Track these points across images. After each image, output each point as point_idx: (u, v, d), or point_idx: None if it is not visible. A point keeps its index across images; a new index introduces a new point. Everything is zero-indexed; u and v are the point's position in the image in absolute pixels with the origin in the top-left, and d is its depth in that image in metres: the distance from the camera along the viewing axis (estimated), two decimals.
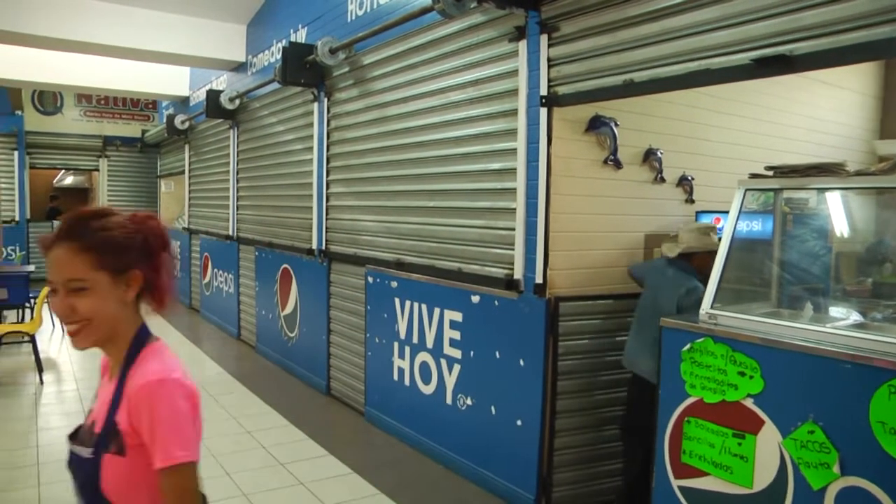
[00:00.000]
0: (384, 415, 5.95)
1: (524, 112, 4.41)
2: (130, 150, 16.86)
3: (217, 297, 10.88)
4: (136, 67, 11.60)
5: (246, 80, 9.40)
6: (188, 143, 12.65)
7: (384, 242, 6.01)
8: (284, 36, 8.01)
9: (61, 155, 16.49)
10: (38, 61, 10.93)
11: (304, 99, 7.40)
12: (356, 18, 6.42)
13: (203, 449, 4.96)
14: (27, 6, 8.14)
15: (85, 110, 16.35)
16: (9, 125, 14.81)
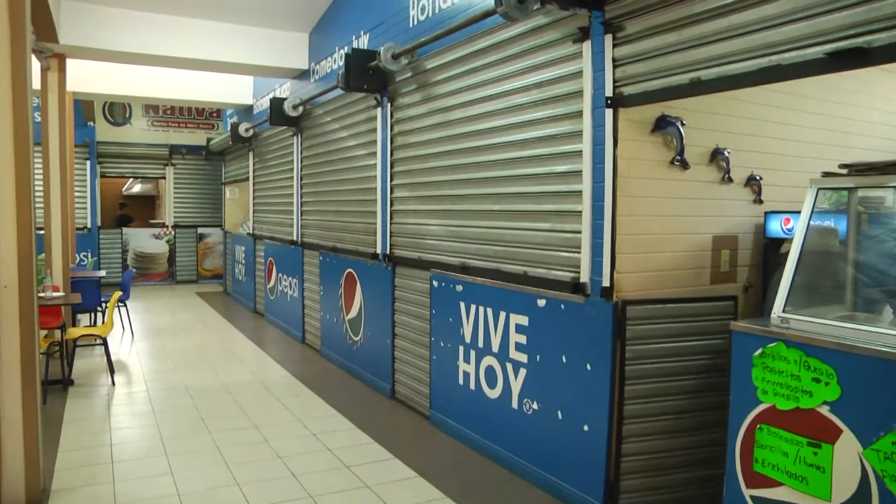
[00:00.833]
0: (449, 418, 5.94)
1: (589, 114, 4.35)
2: (196, 157, 17.40)
3: (281, 302, 11.06)
4: (201, 78, 12.00)
5: (309, 87, 9.54)
6: (252, 151, 12.92)
7: (449, 246, 6.01)
8: (347, 43, 8.10)
9: (130, 164, 17.16)
10: (108, 75, 11.41)
11: (367, 104, 7.46)
12: (418, 23, 6.45)
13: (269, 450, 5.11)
14: (101, 23, 8.55)
15: (152, 120, 16.98)
16: (81, 136, 15.41)
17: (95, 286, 9.81)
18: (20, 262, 4.46)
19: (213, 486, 4.90)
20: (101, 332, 7.99)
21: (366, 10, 7.66)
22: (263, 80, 12.04)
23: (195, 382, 7.72)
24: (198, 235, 17.64)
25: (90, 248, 16.04)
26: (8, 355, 4.46)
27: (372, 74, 6.83)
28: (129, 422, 6.47)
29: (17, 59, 4.40)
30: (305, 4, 8.89)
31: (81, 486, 4.90)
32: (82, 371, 8.20)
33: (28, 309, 4.51)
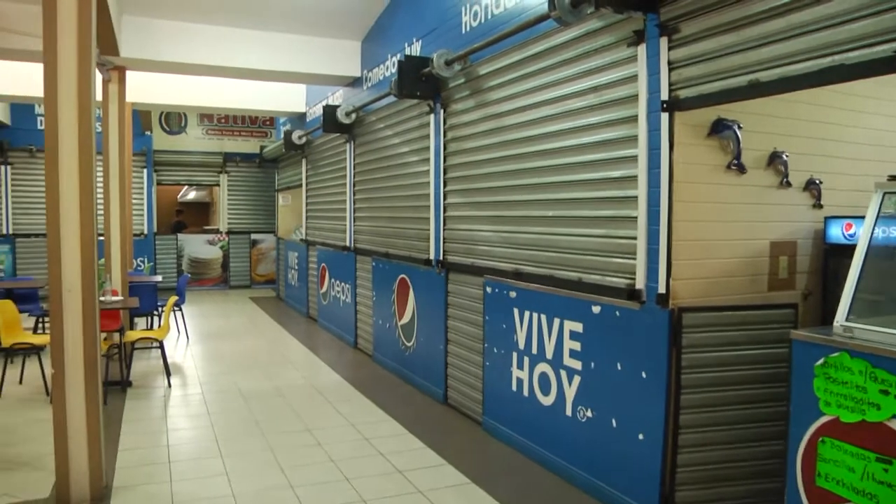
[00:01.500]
0: (502, 425, 5.92)
1: (644, 118, 4.30)
2: (249, 165, 17.70)
3: (334, 307, 11.16)
4: (254, 87, 12.23)
5: (361, 94, 9.63)
6: (305, 158, 13.08)
7: (502, 252, 5.99)
8: (399, 50, 8.16)
9: (185, 171, 17.58)
10: (165, 85, 11.69)
11: (420, 111, 7.50)
12: (471, 30, 6.46)
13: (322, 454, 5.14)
14: (159, 36, 8.81)
15: (207, 129, 17.39)
16: (139, 145, 15.80)
17: (152, 291, 10.04)
18: (83, 267, 4.60)
19: (267, 487, 4.96)
20: (158, 335, 8.16)
21: (418, 17, 7.70)
22: (316, 88, 12.20)
23: (249, 385, 7.83)
24: (251, 241, 17.91)
25: (146, 253, 16.42)
26: (72, 357, 4.61)
27: (425, 81, 6.86)
28: (185, 423, 6.60)
29: (83, 73, 4.56)
30: (357, 13, 8.98)
31: (141, 484, 5.02)
32: (140, 373, 8.39)
33: (90, 312, 4.65)
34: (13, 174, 15.38)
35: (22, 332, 7.92)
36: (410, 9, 7.97)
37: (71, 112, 4.54)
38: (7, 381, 7.49)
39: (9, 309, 7.73)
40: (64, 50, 4.52)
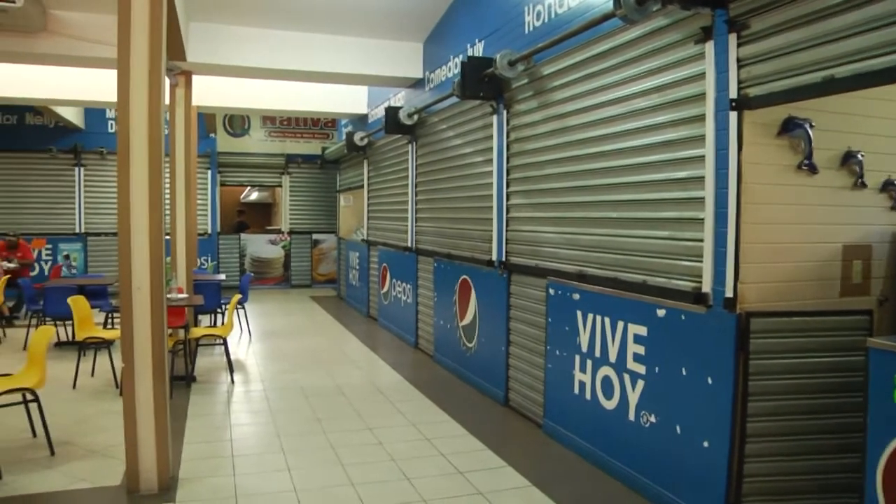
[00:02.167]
0: (563, 428, 5.86)
1: (712, 117, 4.20)
2: (311, 166, 17.99)
3: (395, 307, 11.22)
4: (316, 89, 12.40)
5: (423, 95, 9.66)
6: (366, 159, 13.19)
7: (566, 254, 5.93)
8: (461, 51, 8.16)
9: (248, 173, 17.97)
10: (229, 89, 11.94)
11: (483, 112, 7.48)
12: (534, 30, 6.42)
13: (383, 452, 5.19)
14: (224, 41, 9.05)
15: (269, 131, 17.74)
16: (204, 147, 16.20)
17: (216, 289, 10.27)
18: (152, 266, 4.73)
19: (329, 484, 5.01)
20: (222, 332, 8.33)
21: (480, 18, 7.69)
22: (378, 90, 12.29)
23: (310, 383, 7.93)
24: (312, 241, 18.16)
25: (210, 252, 16.82)
26: (141, 352, 4.74)
27: (488, 82, 6.84)
28: (248, 419, 6.72)
29: (153, 79, 4.70)
30: (419, 15, 9.02)
31: (205, 477, 5.14)
32: (204, 369, 8.58)
33: (158, 309, 4.77)
34: (86, 175, 15.95)
35: (93, 326, 8.19)
36: (472, 10, 7.97)
37: (142, 116, 4.68)
38: (80, 373, 7.77)
39: (82, 305, 8.01)
40: (136, 57, 4.66)
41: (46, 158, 15.72)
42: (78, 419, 6.48)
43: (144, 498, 4.74)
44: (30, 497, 4.75)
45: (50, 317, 9.43)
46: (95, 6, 8.02)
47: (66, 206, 15.94)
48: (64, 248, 15.86)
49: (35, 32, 8.02)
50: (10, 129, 15.51)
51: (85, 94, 11.40)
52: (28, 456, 5.48)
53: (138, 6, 4.64)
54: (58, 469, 5.25)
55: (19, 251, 12.74)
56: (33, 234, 15.38)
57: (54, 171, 15.86)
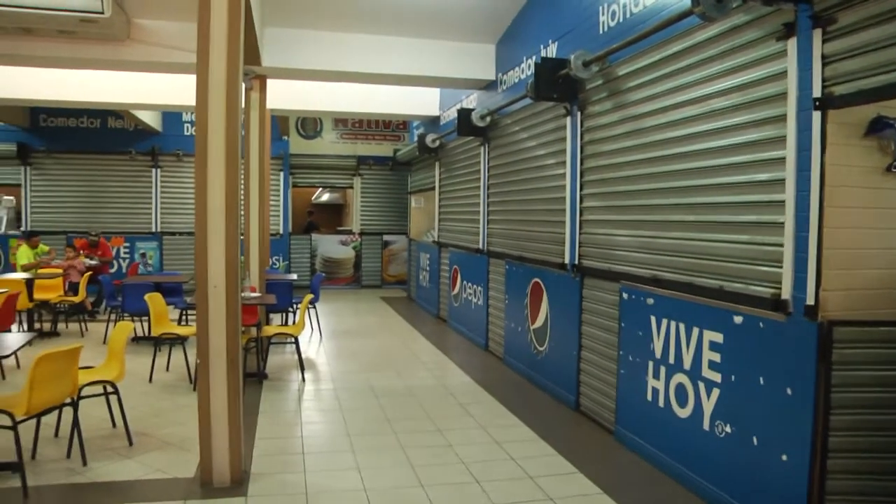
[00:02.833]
0: (635, 435, 5.74)
1: (794, 117, 4.06)
2: (382, 168, 18.17)
3: (465, 309, 11.20)
4: (388, 91, 12.52)
5: (496, 97, 9.63)
6: (438, 161, 13.23)
7: (639, 258, 5.82)
8: (535, 52, 8.10)
9: (319, 174, 18.27)
10: (302, 92, 12.16)
11: (556, 113, 7.41)
12: (608, 29, 6.33)
13: (453, 455, 5.18)
14: (298, 45, 9.23)
15: (341, 133, 18.01)
16: (277, 149, 16.54)
17: (288, 288, 10.46)
18: (227, 265, 4.85)
19: (398, 485, 5.02)
20: (294, 331, 8.47)
21: (554, 18, 7.62)
22: (450, 92, 12.32)
23: (380, 383, 7.98)
24: (383, 242, 18.32)
25: (282, 252, 17.16)
26: (216, 349, 4.85)
27: (562, 83, 6.77)
28: (318, 417, 6.81)
29: (231, 83, 4.83)
30: (492, 17, 9.01)
31: (276, 473, 5.23)
32: (275, 367, 8.74)
33: (233, 307, 4.88)
34: (162, 176, 16.52)
35: (169, 323, 8.44)
36: (546, 11, 7.90)
37: (219, 120, 4.81)
38: (156, 368, 8.04)
39: (158, 301, 8.26)
40: (215, 62, 4.80)
41: (126, 160, 16.37)
42: (154, 412, 6.69)
43: (217, 490, 4.85)
44: (111, 484, 4.97)
45: (128, 312, 9.77)
46: (177, 14, 8.31)
47: (143, 206, 16.56)
48: (141, 247, 16.46)
49: (120, 41, 8.35)
50: (93, 132, 16.22)
51: (163, 99, 11.87)
52: (109, 445, 5.72)
53: (217, 14, 4.78)
54: (136, 459, 5.44)
55: (99, 249, 13.30)
56: (112, 233, 16.04)
57: (133, 172, 16.50)
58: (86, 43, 8.34)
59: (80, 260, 12.39)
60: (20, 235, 15.07)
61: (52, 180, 16.22)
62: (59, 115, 16.00)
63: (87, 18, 7.33)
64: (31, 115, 15.87)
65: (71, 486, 4.91)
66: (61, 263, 12.27)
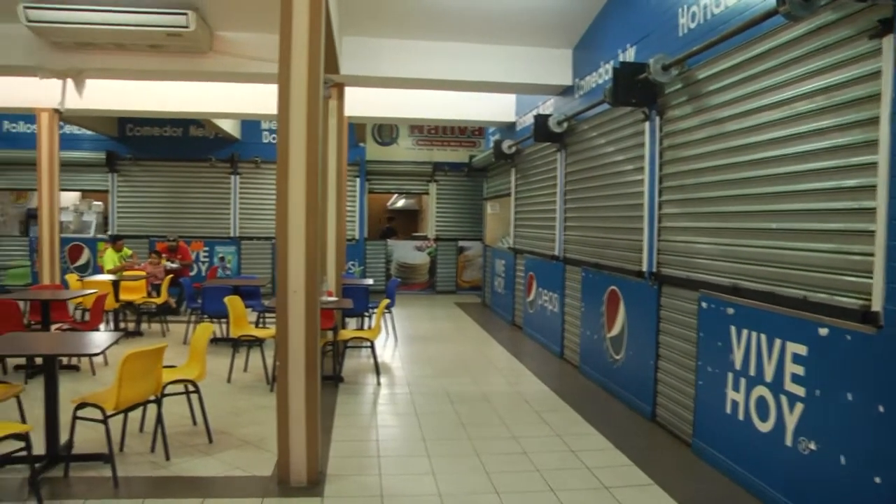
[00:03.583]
0: (713, 448, 5.59)
1: (887, 120, 3.87)
2: (457, 174, 18.24)
3: (540, 316, 11.13)
4: (464, 98, 12.57)
5: (573, 103, 9.56)
6: (514, 167, 13.20)
7: (720, 266, 5.68)
8: (612, 57, 8.01)
9: (395, 180, 18.48)
10: (378, 99, 12.31)
11: (635, 119, 7.30)
12: (688, 32, 6.21)
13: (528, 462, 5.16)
14: (375, 53, 9.37)
15: (417, 140, 18.17)
16: (353, 156, 16.82)
17: (364, 293, 10.59)
18: (307, 270, 4.97)
19: (473, 491, 5.02)
20: (370, 335, 8.57)
21: (632, 22, 7.52)
22: (526, 98, 12.29)
23: (455, 389, 7.99)
24: (458, 248, 18.37)
25: (357, 257, 17.39)
26: (295, 351, 4.96)
27: (640, 88, 6.67)
28: (394, 421, 6.86)
29: (311, 92, 4.95)
30: (569, 21, 8.95)
31: (352, 475, 5.31)
32: (351, 370, 8.86)
33: (312, 311, 4.99)
34: (241, 183, 17.02)
35: (247, 325, 8.65)
36: (623, 15, 7.80)
37: (300, 128, 4.94)
38: (234, 368, 8.28)
39: (237, 304, 8.48)
40: (296, 72, 4.94)
41: (206, 167, 17.01)
42: (233, 411, 6.87)
43: (294, 490, 4.95)
44: (193, 479, 5.15)
45: (207, 314, 10.06)
46: (258, 27, 8.57)
47: (222, 211, 17.15)
48: (220, 251, 16.98)
49: (203, 53, 8.67)
50: (175, 140, 16.95)
51: (243, 108, 12.25)
52: (190, 442, 5.92)
53: (299, 26, 4.91)
54: (215, 456, 5.61)
55: (179, 253, 13.79)
56: (192, 238, 16.63)
57: (213, 179, 17.12)
58: (171, 56, 8.71)
59: (161, 263, 12.84)
60: (107, 239, 15.71)
61: (136, 187, 17.01)
62: (145, 124, 16.79)
63: (173, 33, 7.81)
64: (119, 125, 16.68)
65: (156, 479, 5.12)
66: (144, 266, 12.75)
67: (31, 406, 5.99)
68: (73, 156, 15.99)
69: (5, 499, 4.68)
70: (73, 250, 16.74)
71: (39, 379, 6.89)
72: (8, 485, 4.88)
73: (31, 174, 12.87)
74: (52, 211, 11.90)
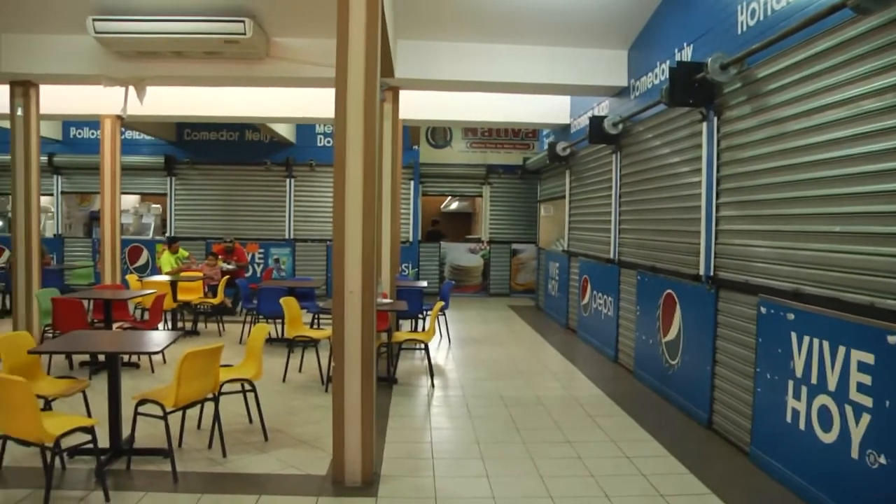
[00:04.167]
0: (772, 458, 5.45)
1: None
2: (511, 176, 18.22)
3: (595, 319, 11.03)
4: (518, 100, 12.56)
5: (628, 104, 9.46)
6: (569, 169, 13.12)
7: (779, 270, 5.55)
8: (668, 56, 7.90)
9: (449, 183, 18.55)
10: (432, 102, 12.36)
11: (692, 119, 7.19)
12: (747, 29, 6.08)
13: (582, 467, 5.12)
14: (430, 57, 9.42)
15: (471, 142, 18.22)
16: (407, 159, 16.90)
17: (418, 295, 10.62)
18: (363, 272, 5.03)
19: (527, 495, 4.99)
20: (425, 337, 8.59)
21: (688, 21, 7.40)
22: (581, 100, 12.20)
23: (509, 392, 7.96)
24: (511, 251, 18.31)
25: (411, 259, 17.47)
26: (351, 352, 5.02)
27: (697, 87, 6.57)
28: (447, 423, 6.87)
29: (368, 96, 5.01)
30: (624, 22, 8.88)
31: (406, 476, 5.33)
32: (404, 372, 8.89)
33: (368, 313, 5.04)
34: (296, 186, 17.28)
35: (302, 326, 8.76)
36: (680, 13, 7.69)
37: (357, 132, 5.01)
38: (289, 368, 8.41)
39: (292, 305, 8.59)
40: (353, 77, 5.00)
41: (261, 170, 17.34)
42: (288, 410, 6.96)
43: (349, 489, 5.00)
44: (249, 476, 5.26)
45: (263, 315, 10.20)
46: (313, 32, 8.69)
47: (277, 214, 17.44)
48: (275, 253, 17.24)
49: (259, 59, 8.84)
50: (231, 144, 17.33)
51: (298, 112, 12.42)
52: (246, 439, 6.03)
53: (356, 31, 4.97)
54: (271, 454, 5.70)
55: (235, 255, 14.05)
56: (247, 240, 16.94)
57: (268, 182, 17.44)
58: (229, 62, 8.91)
59: (217, 265, 13.10)
60: (165, 241, 16.10)
61: (193, 190, 17.45)
62: (202, 129, 17.21)
63: (230, 40, 8.04)
64: (177, 130, 17.15)
65: (213, 475, 5.25)
66: (201, 267, 13.01)
67: (94, 401, 6.18)
68: (133, 160, 16.49)
69: (75, 487, 4.90)
70: (133, 252, 17.25)
71: (101, 375, 7.12)
72: (77, 475, 5.13)
73: (95, 178, 13.26)
74: (113, 213, 12.25)
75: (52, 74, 9.28)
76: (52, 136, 16.62)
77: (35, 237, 10.12)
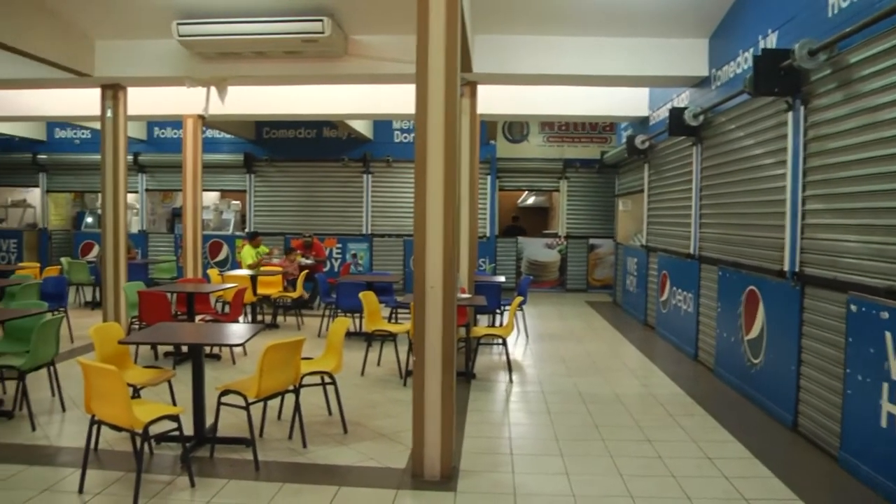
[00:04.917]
0: (864, 464, 5.21)
1: None
2: (588, 171, 18.06)
3: (674, 316, 10.82)
4: (595, 93, 12.44)
5: (709, 94, 9.23)
6: (647, 163, 12.90)
7: (871, 266, 5.33)
8: (752, 44, 7.67)
9: (526, 177, 18.55)
10: (509, 97, 12.34)
11: (776, 109, 6.97)
12: (838, 12, 5.83)
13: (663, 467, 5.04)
14: (507, 51, 9.41)
15: (547, 137, 18.15)
16: (484, 153, 16.80)
17: (497, 290, 10.61)
18: (444, 267, 5.06)
19: (607, 493, 4.94)
20: (503, 333, 8.58)
21: (773, 6, 7.16)
22: (659, 91, 11.99)
23: (587, 389, 7.90)
24: (589, 246, 18.12)
25: (488, 254, 17.46)
26: (431, 347, 5.06)
27: (783, 76, 6.36)
28: (526, 419, 6.86)
29: (449, 92, 5.05)
30: (704, 11, 8.67)
31: (485, 471, 5.34)
32: (482, 367, 8.89)
33: (449, 307, 5.07)
34: (373, 182, 17.53)
35: (381, 320, 8.89)
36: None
37: (438, 127, 5.04)
38: (368, 362, 8.53)
39: (371, 300, 8.71)
40: (433, 73, 5.04)
41: (339, 167, 17.68)
42: (367, 403, 7.07)
43: (428, 483, 5.04)
44: (329, 467, 5.38)
45: (341, 309, 10.37)
46: (391, 29, 8.79)
47: (354, 209, 17.75)
48: (352, 248, 17.52)
49: (338, 56, 8.99)
50: (310, 141, 17.75)
51: (376, 108, 12.54)
52: (326, 431, 6.16)
53: (436, 26, 5.00)
54: (350, 446, 5.80)
55: (313, 250, 14.32)
56: (326, 235, 17.27)
57: (345, 178, 17.76)
58: (308, 61, 9.10)
59: (296, 260, 13.38)
60: (244, 236, 16.52)
61: (272, 186, 17.93)
62: (280, 127, 17.66)
63: (309, 39, 8.25)
64: (256, 128, 17.62)
65: (294, 465, 5.39)
66: (281, 262, 13.31)
67: (178, 390, 6.41)
68: (213, 158, 17.02)
69: (163, 472, 5.13)
70: (214, 246, 17.84)
71: (185, 366, 7.37)
72: (164, 460, 5.37)
73: (177, 176, 13.71)
74: (195, 210, 12.65)
75: (139, 77, 9.70)
76: (138, 136, 17.37)
77: (122, 233, 10.55)
